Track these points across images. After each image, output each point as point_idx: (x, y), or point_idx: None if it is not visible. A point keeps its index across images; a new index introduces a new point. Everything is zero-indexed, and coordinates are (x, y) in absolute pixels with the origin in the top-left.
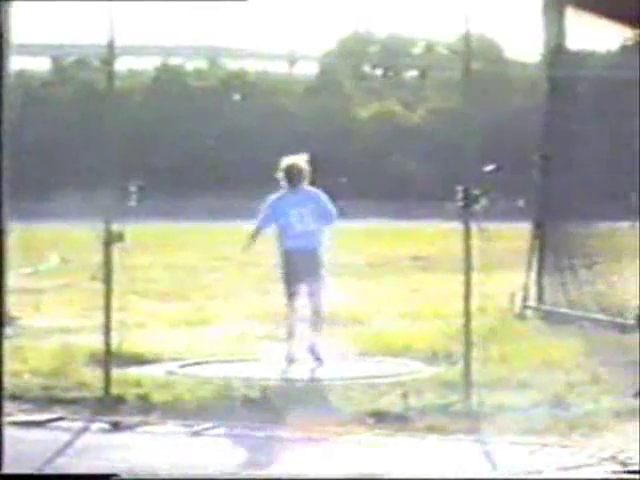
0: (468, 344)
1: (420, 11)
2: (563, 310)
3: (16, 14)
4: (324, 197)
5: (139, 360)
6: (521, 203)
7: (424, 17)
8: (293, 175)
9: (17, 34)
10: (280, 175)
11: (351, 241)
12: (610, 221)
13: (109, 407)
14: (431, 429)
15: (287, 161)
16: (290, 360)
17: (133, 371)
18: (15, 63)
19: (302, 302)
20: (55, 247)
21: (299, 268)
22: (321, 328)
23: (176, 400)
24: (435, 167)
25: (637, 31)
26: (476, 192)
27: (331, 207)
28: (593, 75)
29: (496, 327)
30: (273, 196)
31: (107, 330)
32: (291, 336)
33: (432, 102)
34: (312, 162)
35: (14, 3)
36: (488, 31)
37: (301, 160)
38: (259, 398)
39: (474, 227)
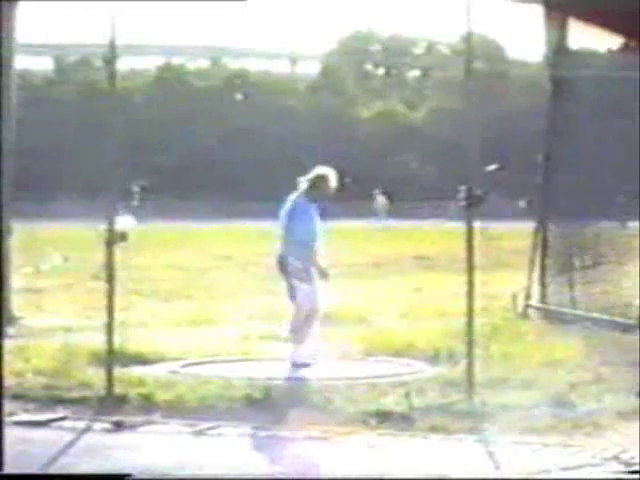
0: (471, 343)
1: (422, 10)
2: (565, 310)
3: (19, 14)
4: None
5: (142, 360)
6: (522, 203)
7: (426, 16)
8: (321, 187)
9: (19, 34)
10: (308, 182)
11: (353, 241)
12: (613, 221)
13: (112, 407)
14: (434, 429)
15: (319, 171)
16: (297, 364)
17: (136, 371)
18: (17, 63)
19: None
20: (58, 247)
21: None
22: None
23: (179, 400)
24: (438, 167)
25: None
26: (479, 192)
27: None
28: (596, 74)
29: (499, 326)
30: (297, 199)
31: (110, 330)
32: (299, 339)
33: (434, 101)
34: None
35: (18, 4)
36: (490, 31)
37: (332, 173)
38: (262, 398)
39: (477, 227)
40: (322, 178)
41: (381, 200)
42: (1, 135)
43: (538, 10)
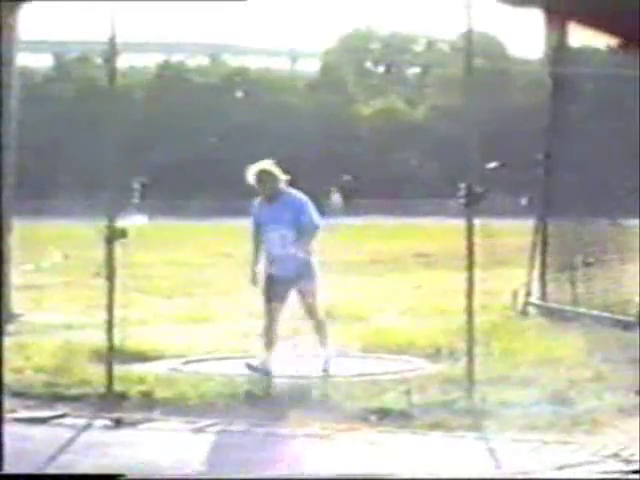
0: (471, 341)
1: (422, 8)
2: (565, 307)
3: (21, 13)
4: (303, 204)
5: (142, 357)
6: (524, 201)
7: (426, 14)
8: (264, 182)
9: (21, 32)
10: (253, 183)
11: (354, 238)
12: (613, 218)
13: (112, 404)
14: (434, 426)
15: (256, 167)
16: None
17: (136, 368)
18: (18, 60)
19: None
20: (58, 244)
21: (283, 294)
22: (327, 343)
23: (179, 397)
24: (438, 164)
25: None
26: (479, 189)
27: (312, 216)
28: (596, 72)
29: (499, 324)
30: (255, 202)
31: (110, 327)
32: (270, 345)
33: (434, 99)
34: (285, 165)
35: (21, 3)
36: (490, 28)
37: (271, 165)
38: (262, 395)
39: (477, 224)
40: (255, 175)
41: (336, 198)
42: (0, 132)
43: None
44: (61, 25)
